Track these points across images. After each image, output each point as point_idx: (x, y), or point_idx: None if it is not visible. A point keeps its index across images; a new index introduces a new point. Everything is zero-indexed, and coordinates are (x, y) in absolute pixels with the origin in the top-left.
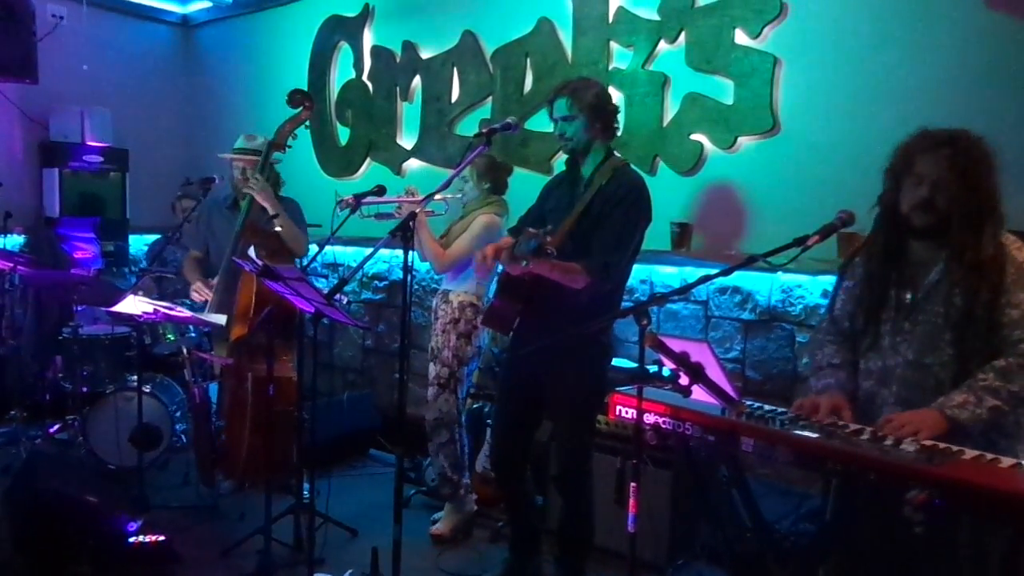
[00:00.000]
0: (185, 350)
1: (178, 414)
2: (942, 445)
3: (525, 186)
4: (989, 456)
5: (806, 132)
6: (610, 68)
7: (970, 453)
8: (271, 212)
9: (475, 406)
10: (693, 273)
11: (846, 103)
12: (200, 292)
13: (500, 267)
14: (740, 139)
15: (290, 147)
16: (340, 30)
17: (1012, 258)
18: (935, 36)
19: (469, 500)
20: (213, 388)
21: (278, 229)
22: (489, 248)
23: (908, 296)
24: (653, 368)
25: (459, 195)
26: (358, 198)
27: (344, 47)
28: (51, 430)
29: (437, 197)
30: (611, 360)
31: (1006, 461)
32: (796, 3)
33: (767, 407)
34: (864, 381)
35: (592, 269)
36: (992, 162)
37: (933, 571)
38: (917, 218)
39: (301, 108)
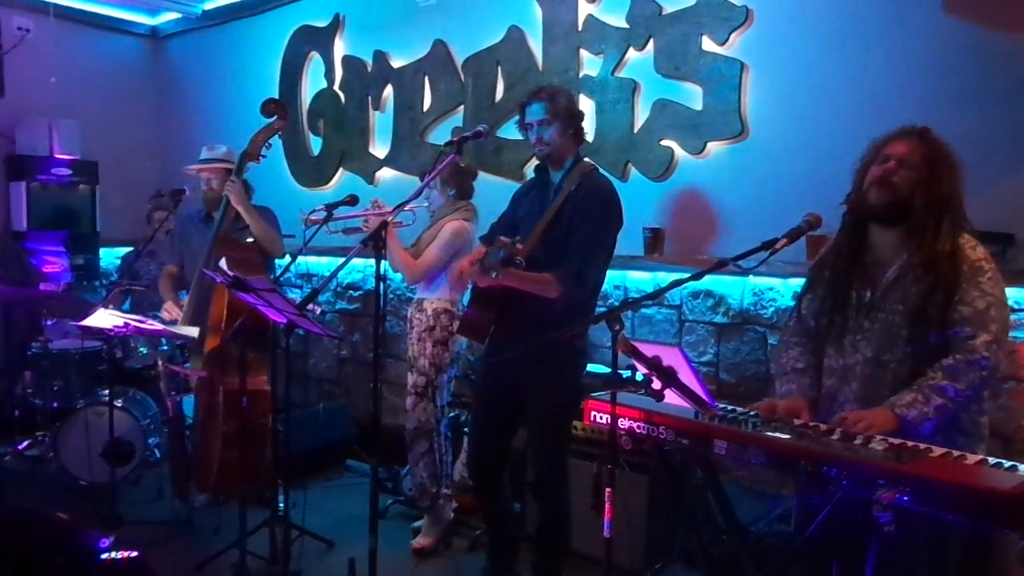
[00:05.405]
0: (160, 363)
1: (151, 428)
2: (910, 443)
3: (498, 193)
4: (956, 453)
5: (774, 137)
6: (580, 75)
7: (937, 451)
8: (244, 215)
9: (452, 414)
10: (666, 278)
11: (812, 107)
12: (170, 312)
13: None
14: (709, 144)
15: (265, 157)
16: (311, 40)
17: (966, 256)
18: (897, 40)
19: (447, 510)
20: (188, 401)
21: (250, 240)
22: (464, 262)
23: (868, 294)
24: (627, 373)
25: (425, 203)
26: (329, 208)
27: (315, 57)
28: (20, 447)
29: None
30: (586, 366)
31: (971, 458)
32: (761, 10)
33: (739, 409)
34: (826, 379)
35: (564, 278)
36: (956, 163)
37: (898, 567)
38: (874, 195)
39: (275, 117)
